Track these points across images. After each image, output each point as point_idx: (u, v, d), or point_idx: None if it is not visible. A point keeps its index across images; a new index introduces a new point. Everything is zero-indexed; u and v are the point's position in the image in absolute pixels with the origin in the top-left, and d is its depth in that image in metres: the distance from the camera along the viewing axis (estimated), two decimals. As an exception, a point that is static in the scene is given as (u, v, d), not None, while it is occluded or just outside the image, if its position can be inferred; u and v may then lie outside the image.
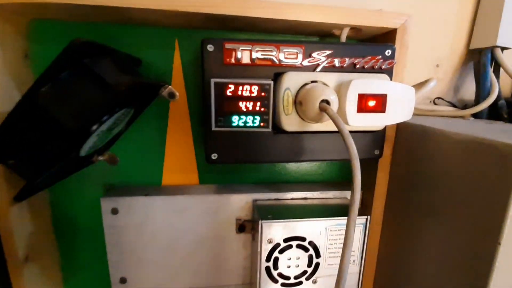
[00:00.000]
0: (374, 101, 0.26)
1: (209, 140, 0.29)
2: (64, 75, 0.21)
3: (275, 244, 0.31)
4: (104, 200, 0.33)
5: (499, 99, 0.35)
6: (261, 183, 0.39)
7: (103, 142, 0.30)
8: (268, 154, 0.30)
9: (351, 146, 0.22)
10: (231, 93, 0.27)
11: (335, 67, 0.29)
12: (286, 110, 0.28)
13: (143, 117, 0.35)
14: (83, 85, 0.22)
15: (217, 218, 0.36)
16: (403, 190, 0.32)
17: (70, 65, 0.21)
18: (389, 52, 0.29)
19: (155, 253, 0.36)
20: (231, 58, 0.27)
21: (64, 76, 0.21)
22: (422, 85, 0.31)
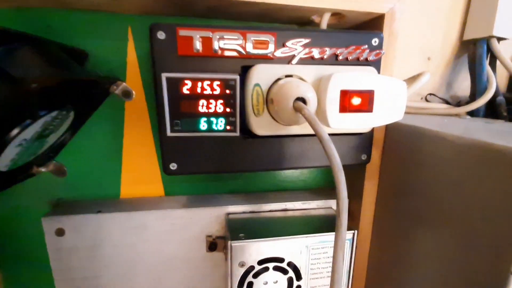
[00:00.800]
0: (360, 99, 0.22)
1: (165, 148, 0.24)
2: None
3: (248, 267, 0.26)
4: (46, 219, 0.28)
5: (497, 95, 0.31)
6: (236, 192, 0.35)
7: (37, 152, 0.25)
8: (238, 162, 0.25)
9: (333, 155, 0.17)
10: (188, 91, 0.23)
11: (314, 59, 0.24)
12: (256, 111, 0.23)
13: (94, 121, 0.29)
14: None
15: (185, 235, 0.31)
16: (394, 199, 0.28)
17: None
18: (376, 41, 0.25)
19: (113, 278, 0.31)
20: (187, 48, 0.22)
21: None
22: (414, 80, 0.27)
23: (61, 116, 0.24)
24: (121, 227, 0.30)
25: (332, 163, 0.17)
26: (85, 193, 0.32)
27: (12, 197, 0.30)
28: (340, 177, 0.17)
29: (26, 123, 0.20)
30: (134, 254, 0.30)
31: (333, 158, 0.17)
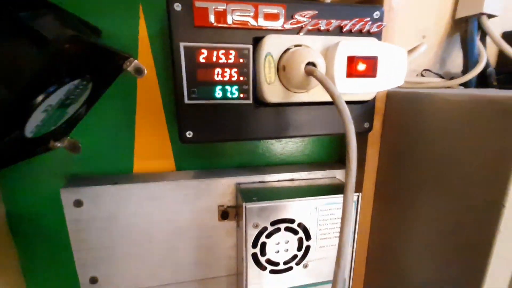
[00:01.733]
0: (365, 65, 0.24)
1: (182, 116, 0.25)
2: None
3: (261, 228, 0.28)
4: (65, 191, 0.29)
5: (487, 67, 0.34)
6: (244, 166, 0.36)
7: (57, 122, 0.26)
8: (251, 130, 0.27)
9: (344, 108, 0.19)
10: (204, 60, 0.24)
11: (320, 31, 0.26)
12: (268, 79, 0.25)
13: (107, 98, 0.30)
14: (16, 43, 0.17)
15: (197, 205, 0.32)
16: (395, 164, 0.31)
17: None
18: (377, 14, 0.27)
19: (129, 248, 0.32)
20: (203, 19, 0.24)
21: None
22: (412, 50, 0.29)
23: (82, 87, 0.25)
24: (137, 198, 0.31)
25: (342, 116, 0.19)
26: (99, 169, 0.33)
27: (28, 172, 0.31)
28: (350, 127, 0.19)
29: (53, 88, 0.21)
30: (149, 224, 0.32)
31: (343, 112, 0.19)
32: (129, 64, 0.27)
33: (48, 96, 0.21)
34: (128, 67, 0.27)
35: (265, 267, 0.29)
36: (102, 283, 0.32)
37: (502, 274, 0.21)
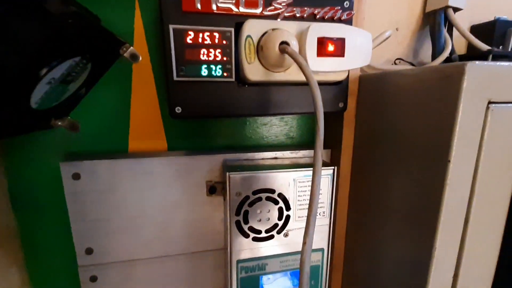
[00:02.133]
0: (333, 46, 0.27)
1: (172, 92, 0.28)
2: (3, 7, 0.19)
3: (244, 197, 0.30)
4: (64, 164, 0.32)
5: (452, 54, 0.37)
6: (232, 147, 0.39)
7: (60, 98, 0.29)
8: (234, 106, 0.30)
9: (310, 75, 0.22)
10: (191, 41, 0.27)
11: (296, 17, 0.29)
12: (248, 59, 0.28)
13: (105, 81, 0.33)
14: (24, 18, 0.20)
15: (187, 181, 0.35)
16: (368, 142, 0.33)
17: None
18: (347, 3, 0.30)
19: (123, 221, 0.34)
20: (190, 5, 0.27)
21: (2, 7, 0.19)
22: (379, 36, 0.32)
23: (82, 65, 0.28)
24: (131, 173, 0.33)
25: (309, 81, 0.22)
26: (96, 148, 0.36)
27: (30, 149, 0.34)
28: (316, 92, 0.22)
29: (57, 61, 0.24)
30: (142, 198, 0.34)
31: (310, 78, 0.22)
32: (125, 50, 0.30)
33: (52, 68, 0.24)
34: (125, 53, 0.30)
35: (248, 234, 0.31)
36: (97, 254, 0.34)
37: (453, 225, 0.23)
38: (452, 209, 0.23)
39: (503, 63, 0.21)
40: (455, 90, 0.20)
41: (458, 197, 0.22)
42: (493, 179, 0.23)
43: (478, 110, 0.21)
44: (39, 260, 0.36)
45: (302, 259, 0.18)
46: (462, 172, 0.22)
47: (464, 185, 0.22)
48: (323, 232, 0.34)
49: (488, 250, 0.25)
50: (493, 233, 0.24)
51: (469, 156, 0.22)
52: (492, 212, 0.24)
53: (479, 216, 0.23)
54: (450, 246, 0.24)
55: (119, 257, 0.35)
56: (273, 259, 0.32)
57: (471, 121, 0.21)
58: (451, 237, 0.23)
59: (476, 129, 0.21)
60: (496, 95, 0.21)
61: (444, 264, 0.24)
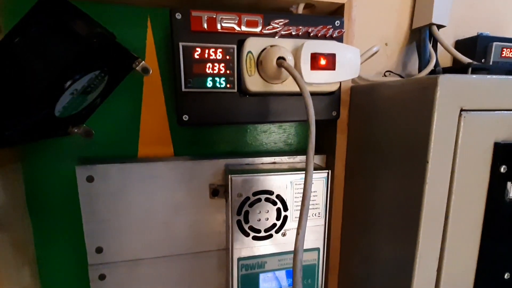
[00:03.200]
0: (325, 60, 0.30)
1: (180, 101, 0.31)
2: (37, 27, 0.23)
3: (244, 198, 0.33)
4: (80, 168, 0.34)
5: (436, 66, 0.40)
6: (234, 153, 0.42)
7: (78, 108, 0.32)
8: (236, 115, 0.33)
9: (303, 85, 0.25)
10: (198, 56, 0.30)
11: (292, 35, 0.32)
12: (249, 72, 0.31)
13: (118, 92, 0.36)
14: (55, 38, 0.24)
15: (191, 184, 0.37)
16: (360, 148, 0.36)
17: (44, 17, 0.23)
18: (338, 22, 0.34)
19: (131, 222, 0.37)
20: (198, 25, 0.30)
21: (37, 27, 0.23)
22: (367, 50, 0.35)
23: (100, 78, 0.31)
24: (140, 176, 0.36)
25: (302, 91, 0.25)
26: (108, 153, 0.38)
27: (47, 154, 0.36)
28: (309, 100, 0.24)
29: (80, 74, 0.27)
30: (149, 200, 0.37)
31: (303, 88, 0.25)
32: (137, 64, 0.33)
33: (75, 81, 0.27)
34: (137, 67, 0.33)
35: (248, 233, 0.34)
36: (106, 253, 0.36)
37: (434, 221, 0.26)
38: (432, 206, 0.25)
39: (473, 76, 0.24)
40: (430, 99, 0.23)
41: (438, 195, 0.25)
42: (469, 178, 0.25)
43: (452, 117, 0.24)
44: (50, 260, 0.38)
45: (296, 247, 0.21)
46: (440, 172, 0.24)
47: (442, 183, 0.25)
48: (319, 232, 0.36)
49: (468, 243, 0.27)
50: (472, 227, 0.26)
51: (445, 157, 0.24)
52: (471, 208, 0.26)
53: (458, 212, 0.26)
54: (433, 241, 0.26)
55: (127, 256, 0.37)
56: (272, 258, 0.35)
57: (446, 126, 0.24)
58: (433, 232, 0.26)
59: (451, 133, 0.24)
60: (467, 103, 0.24)
61: (428, 258, 0.26)
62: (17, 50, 0.23)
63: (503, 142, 0.25)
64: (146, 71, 0.33)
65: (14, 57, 0.23)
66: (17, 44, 0.23)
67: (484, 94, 0.24)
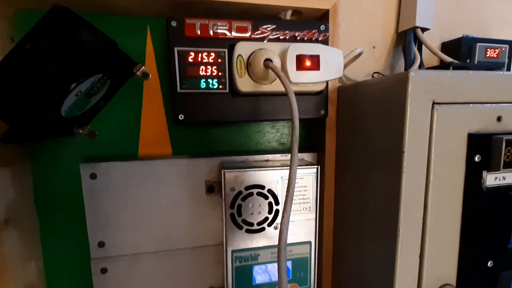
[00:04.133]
0: (310, 61, 0.32)
1: (176, 102, 0.34)
2: (46, 35, 0.26)
3: (237, 192, 0.35)
4: (83, 165, 0.37)
5: (420, 66, 0.42)
6: (229, 152, 0.44)
7: (83, 109, 0.34)
8: (228, 114, 0.35)
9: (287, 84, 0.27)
10: (192, 60, 0.33)
11: (279, 39, 0.35)
12: (239, 73, 0.33)
13: (120, 95, 0.39)
14: (61, 45, 0.26)
15: (188, 180, 0.39)
16: (348, 145, 0.38)
17: (51, 27, 0.25)
18: (323, 27, 0.36)
19: (132, 217, 0.39)
20: (192, 31, 0.33)
21: (45, 35, 0.26)
22: (351, 52, 0.38)
23: (102, 81, 0.33)
24: (140, 173, 0.38)
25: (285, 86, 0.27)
26: (110, 153, 0.41)
27: (53, 153, 0.39)
28: (291, 95, 0.27)
29: (84, 77, 0.30)
30: (148, 196, 0.39)
31: (286, 85, 0.27)
32: (138, 69, 0.36)
33: (79, 83, 0.29)
34: (137, 71, 0.36)
35: (241, 226, 0.35)
36: (108, 247, 0.38)
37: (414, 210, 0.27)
38: (411, 195, 0.26)
39: (443, 71, 0.26)
40: (403, 93, 0.25)
41: (415, 184, 0.26)
42: (445, 168, 0.27)
43: (424, 109, 0.26)
44: (55, 254, 0.40)
45: (281, 229, 0.22)
46: (416, 162, 0.26)
47: (419, 173, 0.26)
48: (310, 226, 0.37)
49: (449, 233, 0.28)
50: (452, 217, 0.28)
51: (421, 147, 0.26)
52: (449, 198, 0.27)
53: (436, 202, 0.27)
54: (413, 230, 0.27)
55: (127, 251, 0.39)
56: (265, 250, 0.36)
57: (419, 118, 0.25)
58: (413, 222, 0.27)
59: (425, 124, 0.26)
60: (439, 97, 0.26)
61: (409, 248, 0.27)
62: (28, 56, 0.26)
63: (476, 133, 0.27)
64: (145, 75, 0.36)
65: (24, 62, 0.26)
66: (27, 51, 0.26)
67: (455, 88, 0.26)
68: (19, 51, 0.26)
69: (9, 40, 0.36)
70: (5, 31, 0.35)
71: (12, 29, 0.36)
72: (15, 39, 0.37)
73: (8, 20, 0.36)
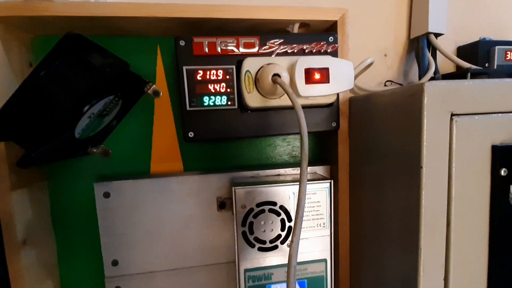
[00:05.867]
0: (319, 74, 0.32)
1: (185, 119, 0.34)
2: (59, 61, 0.26)
3: (248, 209, 0.34)
4: (97, 185, 0.37)
5: (436, 73, 0.40)
6: (240, 167, 0.43)
7: (96, 129, 0.35)
8: (238, 130, 0.35)
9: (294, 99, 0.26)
10: (200, 78, 0.33)
11: (287, 53, 0.34)
12: (248, 89, 0.33)
13: (132, 114, 0.40)
14: (74, 70, 0.27)
15: (199, 197, 0.39)
16: (362, 157, 0.36)
17: (65, 53, 0.26)
18: (331, 38, 0.35)
19: (145, 235, 0.39)
20: (200, 50, 0.33)
21: (59, 62, 0.26)
22: (361, 63, 0.37)
23: (114, 102, 0.34)
24: (152, 191, 0.38)
25: (294, 104, 0.26)
26: (123, 170, 0.41)
27: (68, 172, 0.40)
28: (300, 113, 0.26)
29: (97, 99, 0.30)
30: (160, 214, 0.39)
31: (294, 101, 0.26)
32: (149, 88, 0.36)
33: (92, 105, 0.30)
34: (148, 90, 0.36)
35: (254, 244, 0.34)
36: (122, 265, 0.38)
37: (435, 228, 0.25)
38: (432, 212, 0.25)
39: (461, 81, 0.25)
40: (418, 106, 0.24)
41: (436, 200, 0.25)
42: (468, 182, 0.25)
43: (443, 122, 0.24)
44: (71, 272, 0.41)
45: (290, 253, 0.21)
46: (436, 176, 0.24)
47: (440, 188, 0.25)
48: (325, 243, 0.36)
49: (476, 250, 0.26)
50: (478, 233, 0.26)
51: (440, 162, 0.24)
52: (474, 214, 0.25)
53: (460, 218, 0.25)
54: (435, 248, 0.25)
55: (141, 269, 0.39)
56: (278, 269, 0.35)
57: (437, 131, 0.24)
58: (435, 239, 0.25)
59: (444, 137, 0.24)
60: (458, 108, 0.24)
61: (432, 266, 0.25)
62: (43, 82, 0.27)
63: (501, 145, 0.25)
64: (156, 93, 0.36)
65: (40, 88, 0.27)
66: (42, 77, 0.26)
67: (474, 98, 0.24)
68: (35, 78, 0.27)
69: (28, 65, 0.38)
70: (24, 57, 0.37)
71: (30, 55, 0.38)
72: (33, 64, 0.38)
73: (26, 46, 0.38)
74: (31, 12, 0.32)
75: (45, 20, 0.33)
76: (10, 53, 0.34)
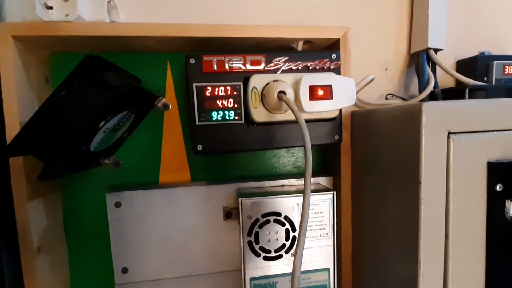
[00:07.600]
0: (322, 91, 0.33)
1: (194, 133, 0.35)
2: (78, 82, 0.28)
3: (254, 219, 0.35)
4: (109, 195, 0.39)
5: (435, 88, 0.42)
6: (245, 177, 0.45)
7: (109, 142, 0.37)
8: (244, 143, 0.36)
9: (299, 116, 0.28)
10: (209, 94, 0.35)
11: (292, 70, 0.36)
12: (254, 104, 0.35)
13: (143, 126, 0.42)
14: (92, 89, 0.29)
15: (206, 207, 0.41)
16: (364, 169, 0.38)
17: (83, 74, 0.28)
18: (334, 56, 0.37)
19: (153, 243, 0.40)
20: (209, 67, 0.35)
21: (78, 82, 0.28)
22: (363, 79, 0.38)
23: (127, 117, 0.36)
24: (161, 201, 0.40)
25: (299, 121, 0.28)
26: (133, 180, 0.43)
27: (81, 183, 0.42)
28: (304, 130, 0.27)
29: (110, 117, 0.32)
30: (169, 223, 0.40)
31: (299, 118, 0.28)
32: (159, 101, 0.38)
33: (107, 121, 0.32)
34: (158, 104, 0.38)
35: (259, 253, 0.36)
36: (131, 273, 0.40)
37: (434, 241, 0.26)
38: (430, 226, 0.26)
39: (458, 101, 0.26)
40: (417, 125, 0.25)
41: (434, 215, 0.26)
42: (465, 198, 0.26)
43: (440, 140, 0.26)
44: (82, 279, 0.42)
45: (294, 265, 0.23)
46: (434, 192, 0.26)
47: (438, 203, 0.26)
48: (328, 253, 0.37)
49: (473, 264, 0.27)
50: (475, 247, 0.27)
51: (438, 177, 0.26)
52: (471, 228, 0.27)
53: (458, 232, 0.26)
54: (434, 260, 0.26)
55: (149, 276, 0.40)
56: (283, 278, 0.36)
57: (435, 149, 0.25)
58: (434, 252, 0.26)
59: (441, 155, 0.26)
60: (454, 127, 0.26)
61: (431, 277, 0.26)
62: (63, 101, 0.28)
63: (496, 161, 0.26)
64: (166, 107, 0.38)
65: (60, 106, 0.28)
66: (62, 96, 0.28)
67: (471, 117, 0.26)
68: (56, 98, 0.28)
69: (44, 80, 0.40)
70: (40, 72, 0.39)
71: (47, 70, 0.40)
72: (49, 79, 0.40)
73: (43, 62, 0.40)
74: (50, 32, 0.34)
75: (62, 38, 0.35)
76: (28, 70, 0.36)
